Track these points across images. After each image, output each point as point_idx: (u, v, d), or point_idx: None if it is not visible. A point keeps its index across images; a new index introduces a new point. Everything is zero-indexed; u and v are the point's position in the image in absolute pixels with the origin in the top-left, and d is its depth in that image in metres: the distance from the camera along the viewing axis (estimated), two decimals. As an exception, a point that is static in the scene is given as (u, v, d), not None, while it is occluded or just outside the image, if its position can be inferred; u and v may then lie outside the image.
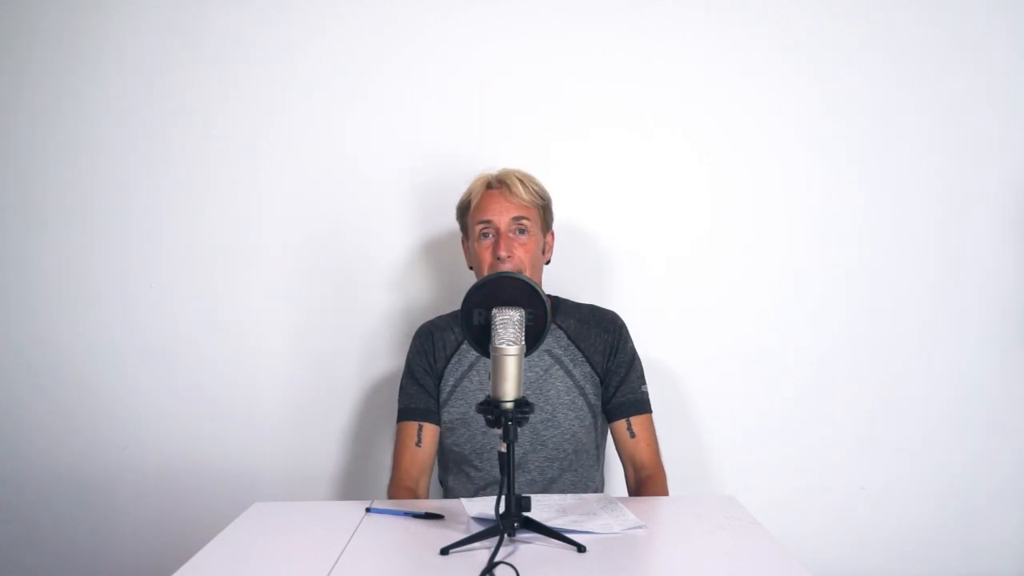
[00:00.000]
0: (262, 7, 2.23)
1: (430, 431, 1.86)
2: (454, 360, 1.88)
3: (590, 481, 1.88)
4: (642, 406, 1.88)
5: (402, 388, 1.91)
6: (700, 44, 2.23)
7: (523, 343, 1.37)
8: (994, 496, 2.25)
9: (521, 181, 1.84)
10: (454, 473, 1.89)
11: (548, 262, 1.93)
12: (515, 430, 1.34)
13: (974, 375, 2.24)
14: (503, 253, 1.79)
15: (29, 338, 2.26)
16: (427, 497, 1.84)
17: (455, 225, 1.95)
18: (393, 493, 1.81)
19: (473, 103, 2.23)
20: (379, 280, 2.24)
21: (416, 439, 1.84)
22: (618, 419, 1.87)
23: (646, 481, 1.84)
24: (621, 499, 1.62)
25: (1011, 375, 2.24)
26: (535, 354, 1.83)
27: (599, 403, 1.88)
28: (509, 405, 1.34)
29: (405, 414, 1.88)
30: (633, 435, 1.86)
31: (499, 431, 1.34)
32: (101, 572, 2.24)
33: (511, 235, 1.82)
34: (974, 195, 2.24)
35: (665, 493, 1.83)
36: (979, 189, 2.24)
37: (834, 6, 2.23)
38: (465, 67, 2.23)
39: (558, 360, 1.87)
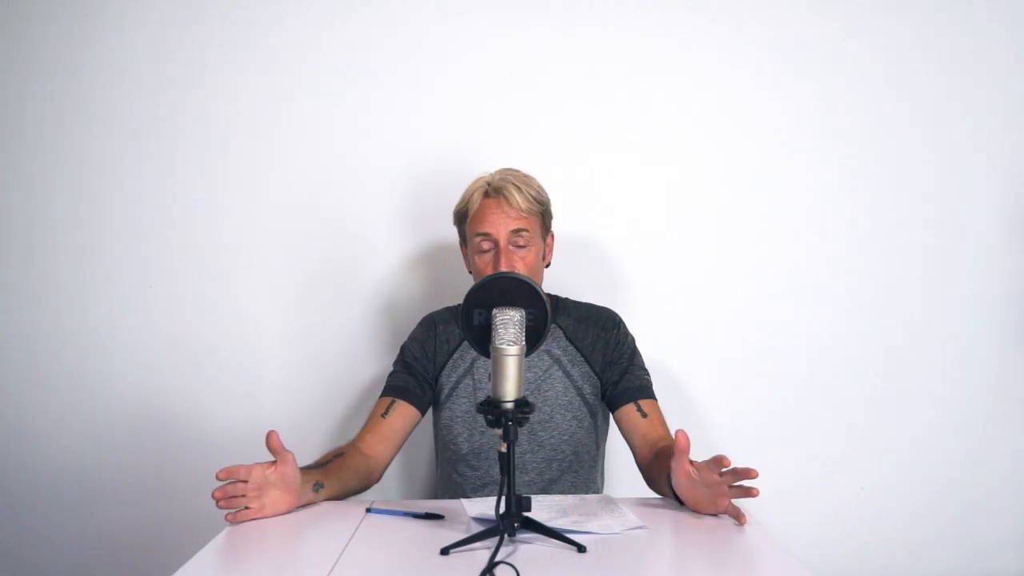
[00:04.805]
0: (265, 12, 2.23)
1: (400, 408, 1.82)
2: (456, 355, 1.88)
3: (591, 483, 1.88)
4: (648, 391, 1.84)
5: (391, 372, 1.90)
6: (702, 47, 2.24)
7: (523, 343, 1.37)
8: (994, 495, 2.25)
9: (518, 188, 1.78)
10: (449, 473, 1.88)
11: (548, 265, 1.91)
12: (515, 430, 1.34)
13: (974, 375, 2.24)
14: (503, 270, 1.75)
15: (31, 338, 2.26)
16: (380, 470, 1.80)
17: (451, 228, 1.93)
18: (344, 446, 1.77)
19: (474, 108, 2.24)
20: (377, 282, 2.24)
21: (384, 411, 1.82)
22: (626, 403, 1.82)
23: (665, 449, 1.66)
24: (621, 499, 1.62)
25: (1010, 374, 2.25)
26: (535, 354, 1.81)
27: (598, 403, 1.87)
28: (509, 405, 1.34)
29: (384, 391, 1.87)
30: (645, 415, 1.80)
31: (499, 431, 1.34)
32: (101, 572, 2.24)
33: (511, 248, 1.78)
34: (972, 193, 2.25)
35: None
36: (978, 187, 2.25)
37: (831, 6, 2.23)
38: (467, 72, 2.24)
39: (557, 361, 1.86)
